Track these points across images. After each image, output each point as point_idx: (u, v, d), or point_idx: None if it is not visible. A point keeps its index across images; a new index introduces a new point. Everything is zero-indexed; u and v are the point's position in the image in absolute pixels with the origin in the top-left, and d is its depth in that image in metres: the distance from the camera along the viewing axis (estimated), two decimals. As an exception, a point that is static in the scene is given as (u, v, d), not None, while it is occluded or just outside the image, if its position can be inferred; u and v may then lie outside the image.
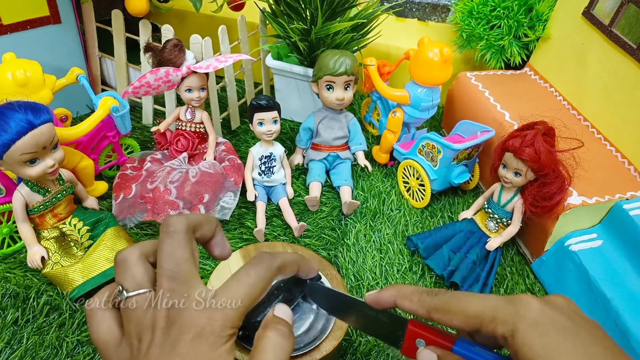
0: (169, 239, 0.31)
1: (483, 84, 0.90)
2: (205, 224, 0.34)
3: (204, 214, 0.35)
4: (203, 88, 0.79)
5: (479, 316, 0.29)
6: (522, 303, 0.29)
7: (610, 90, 0.78)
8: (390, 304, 0.36)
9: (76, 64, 0.91)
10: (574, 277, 0.66)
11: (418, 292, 0.34)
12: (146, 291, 0.30)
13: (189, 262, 0.31)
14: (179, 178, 0.73)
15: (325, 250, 0.74)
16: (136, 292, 0.30)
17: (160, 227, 0.32)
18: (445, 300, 0.32)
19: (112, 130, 0.80)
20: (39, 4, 0.83)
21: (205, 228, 0.34)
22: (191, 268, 0.31)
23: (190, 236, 0.32)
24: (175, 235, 0.31)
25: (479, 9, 0.94)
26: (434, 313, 0.32)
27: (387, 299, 0.35)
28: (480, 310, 0.30)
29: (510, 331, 0.28)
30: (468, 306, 0.30)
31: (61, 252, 0.67)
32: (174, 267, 0.30)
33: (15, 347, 0.59)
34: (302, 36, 0.85)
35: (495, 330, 0.29)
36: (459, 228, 0.75)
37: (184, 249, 0.31)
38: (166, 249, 0.31)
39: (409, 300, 0.34)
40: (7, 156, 0.57)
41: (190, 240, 0.32)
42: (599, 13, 0.80)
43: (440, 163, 0.78)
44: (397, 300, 0.35)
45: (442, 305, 0.32)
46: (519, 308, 0.28)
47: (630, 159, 0.73)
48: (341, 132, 0.84)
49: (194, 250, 0.32)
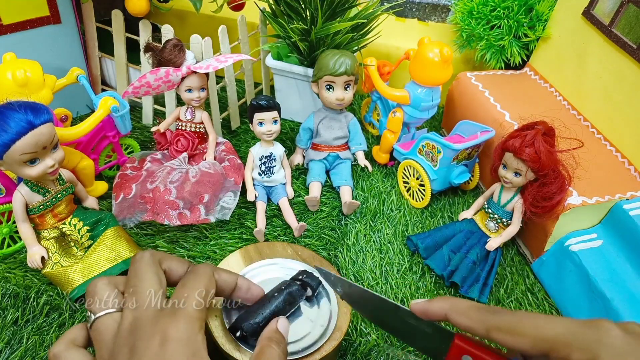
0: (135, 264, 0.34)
1: (483, 84, 0.90)
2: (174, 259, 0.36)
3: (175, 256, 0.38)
4: (203, 88, 0.79)
5: (552, 340, 0.28)
6: (604, 329, 0.27)
7: (610, 90, 0.78)
8: (440, 316, 0.34)
9: (76, 64, 0.91)
10: (574, 277, 0.66)
11: (476, 308, 0.32)
12: (113, 311, 0.32)
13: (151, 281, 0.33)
14: (179, 178, 0.73)
15: (325, 250, 0.74)
16: (104, 312, 0.31)
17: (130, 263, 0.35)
18: (514, 320, 0.30)
19: (112, 130, 0.80)
20: (39, 4, 0.83)
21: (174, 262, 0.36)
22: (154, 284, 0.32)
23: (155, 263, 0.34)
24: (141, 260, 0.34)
25: (479, 9, 0.94)
26: (496, 333, 0.30)
27: (438, 311, 0.34)
28: (554, 334, 0.28)
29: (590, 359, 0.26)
30: (543, 329, 0.28)
31: (61, 252, 0.67)
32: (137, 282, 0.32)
33: (15, 347, 0.59)
34: (302, 36, 0.85)
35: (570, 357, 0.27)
36: (459, 228, 0.75)
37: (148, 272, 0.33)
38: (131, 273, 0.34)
39: (465, 317, 0.32)
40: (7, 156, 0.57)
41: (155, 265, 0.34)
42: (599, 13, 0.80)
43: (440, 163, 0.78)
44: (450, 314, 0.33)
45: (507, 325, 0.30)
46: (601, 335, 0.27)
47: (630, 159, 0.74)
48: (341, 132, 0.85)
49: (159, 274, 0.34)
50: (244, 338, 0.43)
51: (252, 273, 0.54)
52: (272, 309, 0.43)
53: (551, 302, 0.70)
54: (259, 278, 0.53)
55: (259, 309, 0.43)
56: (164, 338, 0.29)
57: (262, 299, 0.44)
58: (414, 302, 0.35)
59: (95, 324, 0.31)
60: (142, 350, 0.28)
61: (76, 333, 0.33)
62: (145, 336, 0.29)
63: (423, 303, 0.35)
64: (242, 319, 0.43)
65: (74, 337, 0.32)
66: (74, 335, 0.33)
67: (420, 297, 0.68)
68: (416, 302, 0.35)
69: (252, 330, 0.41)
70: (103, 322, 0.31)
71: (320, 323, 0.49)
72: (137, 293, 0.31)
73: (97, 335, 0.31)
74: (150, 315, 0.30)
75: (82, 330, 0.33)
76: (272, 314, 0.42)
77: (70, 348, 0.32)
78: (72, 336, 0.32)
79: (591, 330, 0.27)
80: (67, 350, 0.31)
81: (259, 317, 0.42)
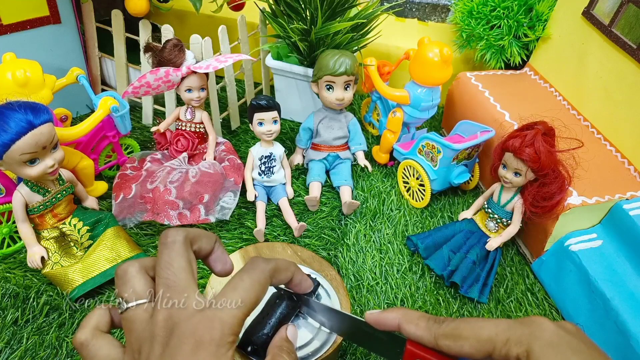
0: (167, 250, 0.32)
1: (483, 84, 0.90)
2: (203, 237, 0.35)
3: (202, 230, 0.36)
4: (203, 88, 0.79)
5: (492, 339, 0.29)
6: (536, 324, 0.29)
7: (610, 90, 0.78)
8: (394, 326, 0.35)
9: (76, 64, 0.91)
10: (574, 277, 0.66)
11: (425, 318, 0.33)
12: (145, 302, 0.30)
13: (185, 272, 0.31)
14: (178, 178, 0.73)
15: (325, 250, 0.74)
16: (135, 302, 0.30)
17: (159, 239, 0.33)
18: (454, 326, 0.31)
19: (112, 130, 0.80)
20: (39, 4, 0.83)
21: (204, 241, 0.34)
22: (188, 277, 0.31)
23: (188, 247, 0.33)
24: (174, 245, 0.32)
25: (479, 9, 0.94)
26: (443, 340, 0.31)
27: (391, 322, 0.35)
28: (492, 333, 0.29)
29: (525, 352, 0.28)
30: (480, 330, 0.30)
31: (61, 252, 0.67)
32: (171, 275, 0.31)
33: (15, 347, 0.59)
34: (302, 36, 0.85)
35: (509, 352, 0.28)
36: (458, 228, 0.75)
37: (181, 258, 0.31)
38: (164, 258, 0.31)
39: (415, 325, 0.33)
40: (7, 156, 0.57)
41: (188, 251, 0.32)
42: (599, 13, 0.80)
43: (440, 163, 0.78)
44: (402, 324, 0.34)
45: (451, 331, 0.31)
46: (533, 329, 0.28)
47: (630, 159, 0.73)
48: (341, 132, 0.85)
49: (191, 261, 0.32)
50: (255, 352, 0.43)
51: None
52: (278, 316, 0.43)
53: (551, 302, 0.70)
54: None
55: (265, 319, 0.42)
56: (197, 343, 0.28)
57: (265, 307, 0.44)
58: (369, 313, 0.37)
59: (126, 313, 0.30)
60: (175, 350, 0.28)
61: (100, 318, 0.32)
62: (180, 336, 0.28)
63: (377, 314, 0.36)
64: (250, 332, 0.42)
65: (98, 322, 0.32)
66: (97, 320, 0.32)
67: (420, 298, 0.68)
68: (370, 312, 0.37)
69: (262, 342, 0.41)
70: (135, 312, 0.30)
71: None
72: (170, 287, 0.30)
73: (129, 325, 0.30)
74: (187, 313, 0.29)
75: (105, 315, 0.32)
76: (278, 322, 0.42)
77: (97, 335, 0.31)
78: (96, 322, 0.32)
79: (525, 325, 0.29)
80: (95, 338, 0.31)
81: (267, 327, 0.41)
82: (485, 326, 0.30)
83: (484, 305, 0.68)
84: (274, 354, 0.36)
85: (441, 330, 0.32)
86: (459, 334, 0.31)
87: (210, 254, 0.35)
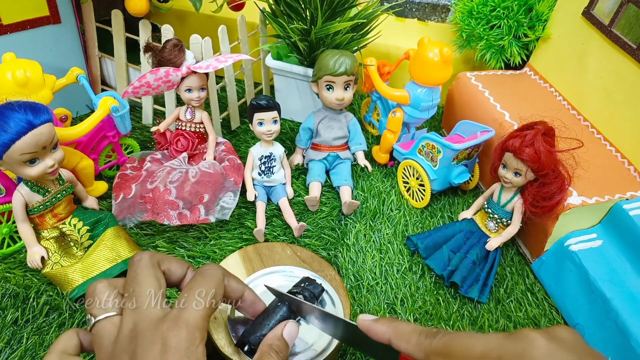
0: (133, 267, 0.33)
1: (483, 84, 0.90)
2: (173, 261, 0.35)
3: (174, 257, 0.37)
4: (203, 88, 0.79)
5: (484, 356, 0.28)
6: (528, 340, 0.28)
7: (610, 90, 0.78)
8: (384, 340, 0.35)
9: (76, 64, 0.91)
10: (574, 277, 0.66)
11: (416, 333, 0.33)
12: (113, 314, 0.31)
13: (151, 284, 0.32)
14: (178, 178, 0.73)
15: (325, 250, 0.74)
16: (103, 315, 0.31)
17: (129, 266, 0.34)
18: (445, 342, 0.31)
19: (112, 130, 0.80)
20: (39, 4, 0.83)
21: (174, 264, 0.35)
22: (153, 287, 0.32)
23: (155, 264, 0.34)
24: (140, 262, 0.33)
25: (479, 9, 0.94)
26: (434, 357, 0.31)
27: (382, 335, 0.35)
28: (484, 351, 0.29)
29: None
30: (472, 348, 0.29)
31: (61, 252, 0.67)
32: (136, 286, 0.31)
33: (15, 347, 0.59)
34: (302, 36, 0.85)
35: None
36: (458, 228, 0.75)
37: (147, 271, 0.33)
38: (130, 274, 0.33)
39: (405, 342, 0.33)
40: (6, 156, 0.57)
41: (154, 267, 0.33)
42: (599, 13, 0.80)
43: (440, 163, 0.78)
44: (393, 339, 0.34)
45: (442, 348, 0.31)
46: (525, 346, 0.28)
47: (630, 159, 0.73)
48: (341, 132, 0.84)
49: (158, 277, 0.33)
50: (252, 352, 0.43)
51: (255, 283, 0.54)
52: (277, 319, 0.43)
53: (551, 302, 0.70)
54: (261, 288, 0.52)
55: (265, 320, 0.42)
56: (164, 347, 0.28)
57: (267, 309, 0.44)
58: (361, 318, 0.36)
59: (95, 327, 0.31)
60: (142, 358, 0.28)
61: (66, 342, 0.32)
62: (146, 343, 0.28)
63: (369, 323, 0.36)
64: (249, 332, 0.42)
65: (65, 346, 0.32)
66: (64, 345, 0.32)
67: (420, 298, 0.68)
68: (363, 318, 0.36)
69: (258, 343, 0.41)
70: (103, 327, 0.31)
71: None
72: (136, 295, 0.31)
73: (97, 340, 0.30)
74: (151, 321, 0.30)
75: (73, 338, 0.32)
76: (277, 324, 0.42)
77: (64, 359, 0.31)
78: (63, 346, 0.32)
79: (517, 342, 0.28)
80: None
81: (266, 328, 0.41)
82: (476, 343, 0.29)
83: (484, 305, 0.68)
84: (262, 352, 0.36)
85: (432, 347, 0.31)
86: (450, 351, 0.30)
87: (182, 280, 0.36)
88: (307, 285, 0.49)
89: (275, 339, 0.37)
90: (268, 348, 0.36)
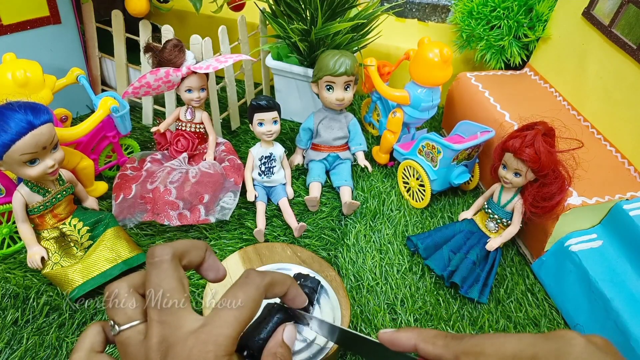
0: (155, 270, 0.31)
1: (483, 84, 0.90)
2: (192, 250, 0.34)
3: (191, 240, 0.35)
4: (203, 88, 0.79)
5: (517, 355, 0.28)
6: (565, 339, 0.27)
7: (610, 90, 0.78)
8: (409, 347, 0.33)
9: (76, 64, 0.91)
10: (574, 278, 0.66)
11: (442, 336, 0.32)
12: (138, 323, 0.30)
13: (177, 291, 0.30)
14: (178, 178, 0.73)
15: (325, 251, 0.74)
16: (128, 325, 0.30)
17: (146, 258, 0.32)
18: (475, 342, 0.30)
19: (112, 130, 0.80)
20: (39, 4, 0.83)
21: (193, 254, 0.34)
22: (180, 298, 0.30)
23: (177, 264, 0.32)
24: (162, 265, 0.31)
25: (479, 10, 0.94)
26: (464, 357, 0.30)
27: (406, 342, 0.33)
28: (517, 349, 0.28)
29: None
30: (503, 346, 0.29)
31: (61, 252, 0.67)
32: (159, 295, 0.30)
33: (15, 348, 0.59)
34: (302, 36, 0.85)
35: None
36: (458, 228, 0.75)
37: (171, 278, 0.31)
38: (153, 280, 0.31)
39: (432, 345, 0.32)
40: (7, 156, 0.57)
41: (177, 269, 0.32)
42: (599, 13, 0.80)
43: (440, 163, 0.78)
44: (419, 344, 0.33)
45: (472, 348, 0.30)
46: (561, 345, 0.27)
47: (630, 159, 0.73)
48: (341, 133, 0.84)
49: (182, 279, 0.32)
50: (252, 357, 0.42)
51: None
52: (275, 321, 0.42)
53: (551, 302, 0.70)
54: None
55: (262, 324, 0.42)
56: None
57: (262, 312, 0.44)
58: (382, 332, 0.35)
59: (120, 336, 0.30)
60: None
61: (94, 339, 0.31)
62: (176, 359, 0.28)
63: (390, 333, 0.35)
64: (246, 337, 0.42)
65: (93, 343, 0.31)
66: (91, 341, 0.31)
67: (420, 298, 0.68)
68: (384, 332, 0.35)
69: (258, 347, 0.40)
70: (129, 336, 0.30)
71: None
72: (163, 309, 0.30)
73: (123, 348, 0.30)
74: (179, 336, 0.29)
75: (99, 335, 0.32)
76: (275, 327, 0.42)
77: (93, 357, 0.31)
78: (90, 344, 0.31)
79: (553, 341, 0.28)
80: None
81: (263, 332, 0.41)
82: (508, 341, 0.29)
83: (484, 306, 0.68)
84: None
85: (461, 348, 0.30)
86: (481, 351, 0.29)
87: (202, 264, 0.35)
88: (303, 281, 0.49)
89: (277, 346, 0.36)
90: (273, 357, 0.36)
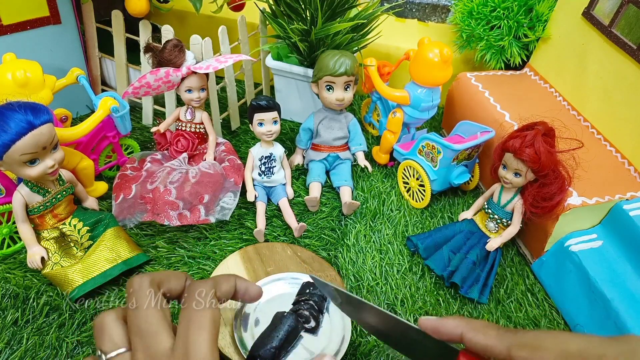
0: (134, 296, 0.32)
1: (483, 84, 0.90)
2: (172, 278, 0.35)
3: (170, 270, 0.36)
4: (203, 88, 0.79)
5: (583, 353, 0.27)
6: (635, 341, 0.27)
7: (610, 90, 0.78)
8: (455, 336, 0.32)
9: (76, 64, 0.91)
10: (574, 278, 0.66)
11: (494, 327, 0.31)
12: (124, 351, 0.31)
13: (156, 316, 0.31)
14: (178, 178, 0.73)
15: (325, 251, 0.74)
16: (114, 352, 0.31)
17: (126, 289, 0.33)
18: (533, 336, 0.29)
19: (112, 130, 0.80)
20: (39, 4, 0.83)
21: (172, 282, 0.35)
22: (159, 321, 0.31)
23: (155, 290, 0.33)
24: (140, 291, 0.32)
25: (479, 10, 0.94)
26: (518, 350, 0.29)
27: (452, 330, 0.32)
28: (583, 347, 0.27)
29: None
30: (566, 343, 0.28)
31: (61, 252, 0.67)
32: (141, 322, 0.31)
33: (15, 348, 0.59)
34: (302, 37, 0.85)
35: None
36: (458, 228, 0.75)
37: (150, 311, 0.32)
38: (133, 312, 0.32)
39: (483, 335, 0.31)
40: (7, 156, 0.57)
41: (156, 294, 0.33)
42: (599, 13, 0.80)
43: (440, 163, 0.78)
44: (467, 332, 0.32)
45: (530, 341, 0.29)
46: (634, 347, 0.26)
47: (630, 159, 0.73)
48: (341, 133, 0.84)
49: (160, 303, 0.32)
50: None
51: None
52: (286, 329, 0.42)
53: (551, 302, 0.70)
54: (266, 296, 0.52)
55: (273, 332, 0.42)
56: None
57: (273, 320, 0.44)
58: (424, 319, 0.34)
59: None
60: None
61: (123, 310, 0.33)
62: None
63: (434, 320, 0.34)
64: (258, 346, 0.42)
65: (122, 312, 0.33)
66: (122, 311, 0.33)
67: (420, 298, 0.68)
68: (427, 318, 0.34)
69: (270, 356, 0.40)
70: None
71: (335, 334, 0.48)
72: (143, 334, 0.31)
73: None
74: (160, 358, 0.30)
75: None
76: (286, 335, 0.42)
77: None
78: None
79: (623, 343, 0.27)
80: None
81: (275, 340, 0.41)
82: (572, 339, 0.28)
83: (484, 306, 0.68)
84: None
85: (517, 340, 0.29)
86: (539, 345, 0.28)
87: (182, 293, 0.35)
88: (312, 290, 0.49)
89: None
90: None
